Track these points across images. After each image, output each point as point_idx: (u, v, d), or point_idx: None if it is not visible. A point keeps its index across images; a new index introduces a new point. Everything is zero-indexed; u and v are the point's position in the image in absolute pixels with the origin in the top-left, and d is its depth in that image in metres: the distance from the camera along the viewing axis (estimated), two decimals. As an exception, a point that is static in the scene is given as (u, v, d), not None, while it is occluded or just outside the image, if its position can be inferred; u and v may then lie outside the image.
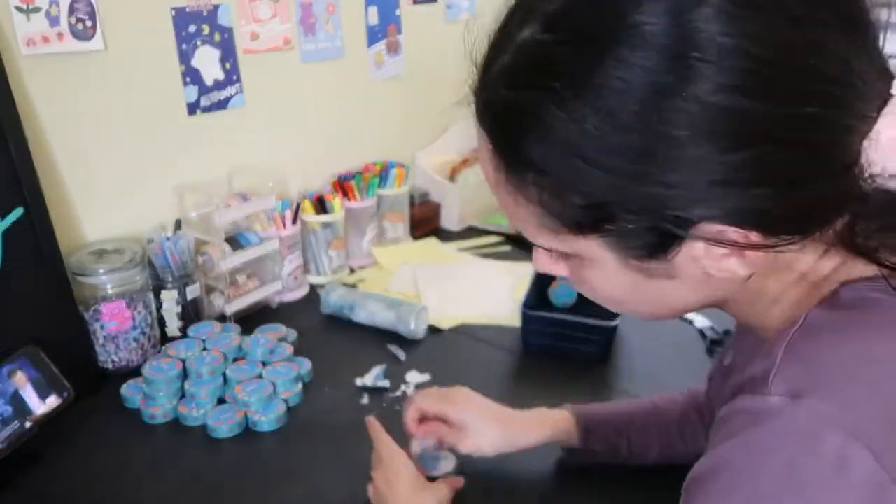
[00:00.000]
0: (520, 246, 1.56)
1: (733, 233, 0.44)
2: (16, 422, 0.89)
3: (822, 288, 0.50)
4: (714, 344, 1.13)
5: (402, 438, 0.90)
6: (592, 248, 0.49)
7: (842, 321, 0.46)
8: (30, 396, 0.92)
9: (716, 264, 0.47)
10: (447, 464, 0.88)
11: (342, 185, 1.47)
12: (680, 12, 0.40)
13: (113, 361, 1.09)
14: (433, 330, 1.23)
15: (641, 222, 0.45)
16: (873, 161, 0.44)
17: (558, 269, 0.56)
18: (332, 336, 1.23)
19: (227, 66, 1.30)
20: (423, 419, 0.87)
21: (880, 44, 0.44)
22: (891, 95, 0.43)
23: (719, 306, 0.56)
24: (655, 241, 0.46)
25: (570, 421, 0.86)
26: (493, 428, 0.84)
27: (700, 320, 1.20)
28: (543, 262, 0.57)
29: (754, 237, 0.44)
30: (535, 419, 0.86)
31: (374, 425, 0.85)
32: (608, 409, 0.89)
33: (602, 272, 0.51)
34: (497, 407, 0.86)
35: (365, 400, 1.04)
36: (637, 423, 0.86)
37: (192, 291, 1.20)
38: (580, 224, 0.47)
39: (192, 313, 1.21)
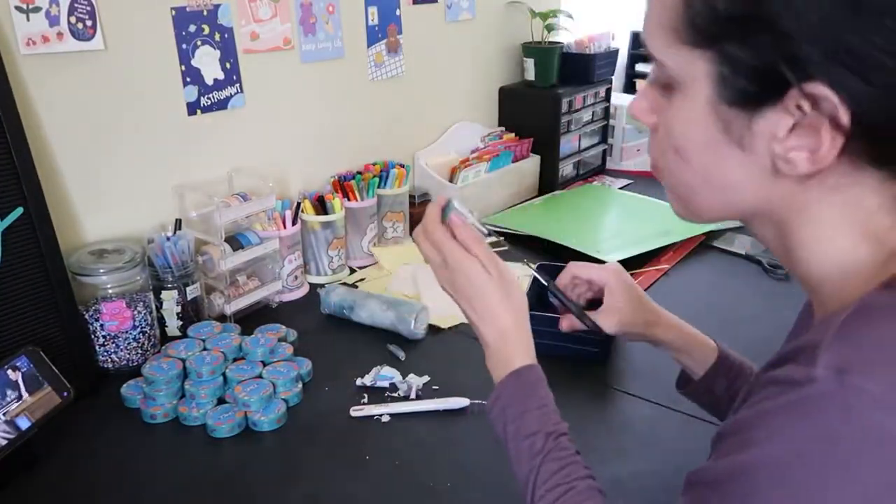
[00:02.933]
0: (520, 246, 1.56)
1: (833, 103, 0.44)
2: (16, 422, 0.89)
3: (885, 253, 0.49)
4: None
5: (407, 441, 0.90)
6: (698, 71, 0.49)
7: None
8: (29, 396, 0.91)
9: (786, 150, 0.47)
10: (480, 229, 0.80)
11: (342, 185, 1.47)
12: None
13: (113, 361, 1.09)
14: (433, 330, 1.23)
15: (760, 53, 0.45)
16: None
17: (649, 116, 0.56)
18: (332, 336, 1.23)
19: (227, 65, 1.30)
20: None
21: None
22: None
23: (777, 237, 0.54)
24: (758, 85, 0.46)
25: (712, 348, 0.85)
26: (635, 306, 0.85)
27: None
28: (640, 105, 0.57)
29: (845, 119, 0.44)
30: (681, 324, 0.86)
31: (459, 227, 0.78)
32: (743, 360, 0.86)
33: (689, 111, 0.51)
34: (645, 297, 0.87)
35: (365, 400, 1.04)
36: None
37: (192, 291, 1.20)
38: (706, 33, 0.47)
39: (192, 313, 1.21)
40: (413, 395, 1.03)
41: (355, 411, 1.00)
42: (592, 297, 0.90)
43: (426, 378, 1.08)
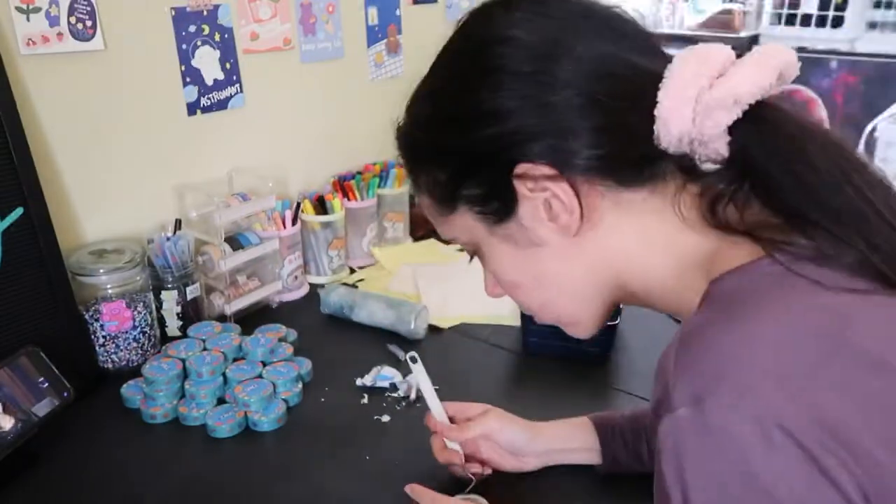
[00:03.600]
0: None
1: (535, 168, 0.55)
2: (16, 422, 0.89)
3: (697, 263, 0.55)
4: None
5: (410, 440, 0.90)
6: (469, 223, 0.61)
7: (715, 318, 0.49)
8: (30, 396, 0.91)
9: (556, 222, 0.56)
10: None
11: (342, 185, 1.47)
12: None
13: (113, 361, 1.09)
14: (433, 330, 1.23)
15: (478, 181, 0.58)
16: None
17: (495, 289, 0.66)
18: (332, 336, 1.23)
19: (227, 66, 1.30)
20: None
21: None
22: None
23: (626, 298, 0.62)
24: (497, 197, 0.58)
25: (589, 425, 0.86)
26: (524, 431, 0.85)
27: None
28: (488, 288, 0.68)
29: (548, 170, 0.55)
30: (559, 424, 0.87)
31: (416, 489, 0.81)
32: (623, 413, 0.88)
33: (490, 254, 0.62)
34: (519, 419, 0.87)
35: (365, 400, 1.04)
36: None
37: (192, 291, 1.20)
38: (449, 199, 0.61)
39: (192, 313, 1.21)
40: (413, 396, 1.03)
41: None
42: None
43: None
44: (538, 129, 0.55)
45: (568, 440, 0.86)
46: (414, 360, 0.89)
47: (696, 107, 0.51)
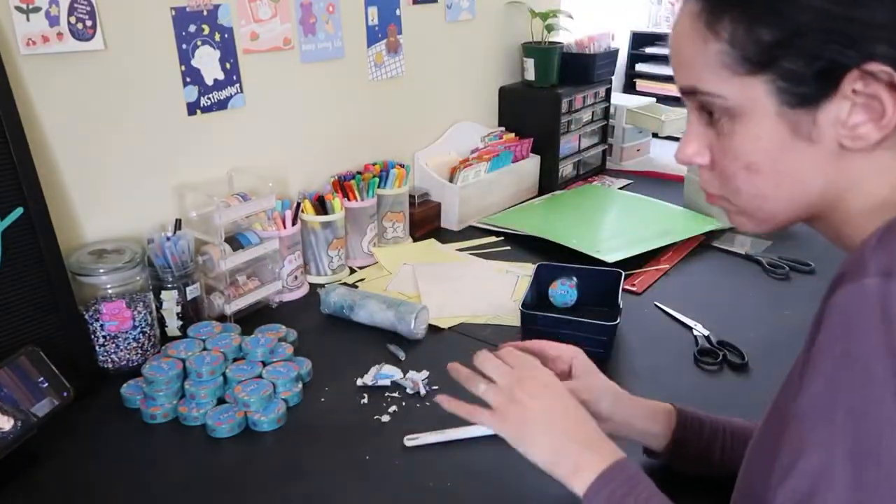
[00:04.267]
0: (520, 246, 1.56)
1: (888, 72, 0.50)
2: (16, 422, 0.89)
3: None
4: (702, 354, 1.13)
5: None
6: (758, 93, 0.55)
7: None
8: (29, 396, 0.92)
9: (852, 129, 0.53)
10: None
11: (342, 185, 1.47)
12: None
13: (113, 361, 1.09)
14: (433, 330, 1.23)
15: (811, 60, 0.53)
16: None
17: (704, 156, 0.62)
18: (332, 336, 1.23)
19: (227, 66, 1.30)
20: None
21: None
22: None
23: (822, 214, 0.59)
24: (816, 85, 0.53)
25: (671, 414, 0.84)
26: (607, 393, 0.83)
27: (699, 328, 1.19)
28: (691, 148, 0.62)
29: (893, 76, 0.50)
30: (643, 401, 0.85)
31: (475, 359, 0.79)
32: (708, 414, 0.86)
33: (753, 129, 0.57)
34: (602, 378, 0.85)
35: (365, 400, 1.04)
36: (733, 427, 0.83)
37: (192, 291, 1.20)
38: (759, 61, 0.55)
39: (192, 313, 1.21)
40: (422, 391, 1.04)
41: (409, 441, 0.94)
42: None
43: (426, 373, 1.08)
44: None
45: (647, 421, 0.84)
46: None
47: None
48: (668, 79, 2.48)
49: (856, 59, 0.51)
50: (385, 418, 1.00)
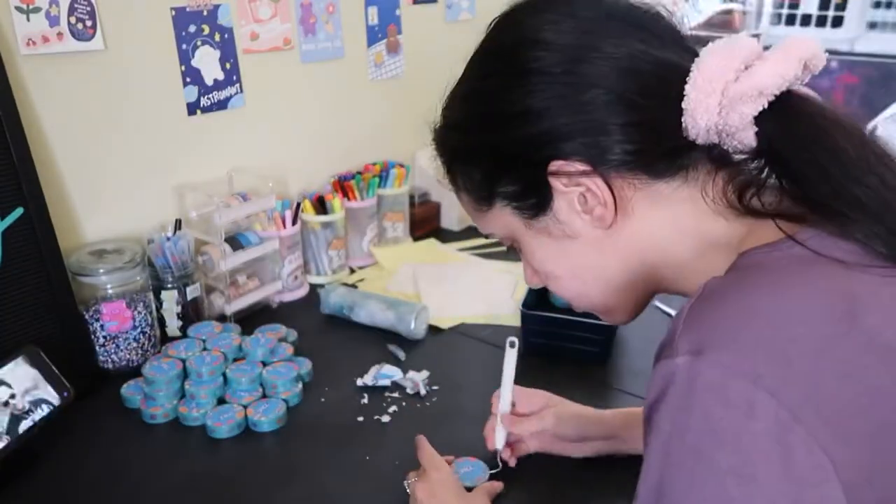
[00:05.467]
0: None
1: (571, 164, 0.56)
2: (15, 422, 0.89)
3: (729, 250, 0.56)
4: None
5: (407, 441, 0.90)
6: (507, 218, 0.64)
7: (735, 282, 0.51)
8: (29, 396, 0.91)
9: (591, 214, 0.58)
10: (484, 474, 0.86)
11: (342, 185, 1.47)
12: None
13: (113, 361, 1.09)
14: (433, 330, 1.23)
15: (515, 179, 0.60)
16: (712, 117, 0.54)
17: (534, 279, 0.69)
18: (332, 336, 1.23)
19: (227, 66, 1.30)
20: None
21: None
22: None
23: (658, 285, 0.63)
24: (533, 193, 0.60)
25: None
26: (580, 423, 0.88)
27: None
28: (527, 278, 0.71)
29: (581, 167, 0.56)
30: (622, 411, 0.89)
31: (422, 440, 0.85)
32: None
33: (528, 246, 0.65)
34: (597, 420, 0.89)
35: (365, 400, 1.04)
36: None
37: (192, 291, 1.20)
38: (485, 195, 0.63)
39: (192, 313, 1.21)
40: (423, 391, 1.04)
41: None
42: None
43: (426, 373, 1.08)
44: (571, 128, 0.56)
45: (628, 426, 0.86)
46: (513, 346, 0.89)
47: (722, 99, 0.53)
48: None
49: (542, 164, 0.57)
50: (385, 418, 1.00)
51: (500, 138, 0.59)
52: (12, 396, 0.90)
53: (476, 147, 0.62)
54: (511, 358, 0.89)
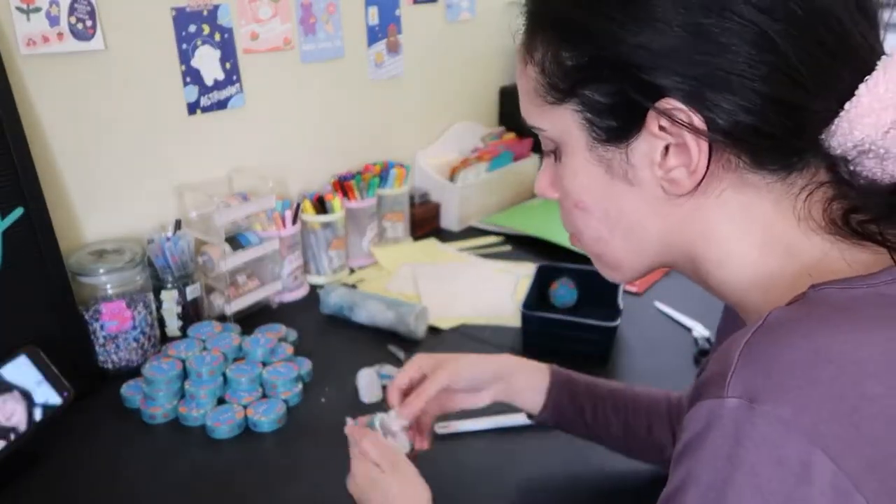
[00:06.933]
0: (520, 246, 1.56)
1: (686, 112, 0.47)
2: (16, 422, 0.89)
3: (797, 264, 0.49)
4: (702, 355, 1.13)
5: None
6: (569, 124, 0.53)
7: (805, 317, 0.44)
8: (29, 396, 0.91)
9: (667, 172, 0.50)
10: (403, 441, 0.81)
11: (342, 185, 1.47)
12: None
13: (113, 361, 1.09)
14: (433, 330, 1.23)
15: (610, 89, 0.49)
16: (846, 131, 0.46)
17: (551, 191, 0.60)
18: (332, 336, 1.23)
19: (227, 66, 1.30)
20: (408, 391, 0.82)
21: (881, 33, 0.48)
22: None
23: (682, 267, 0.57)
24: (620, 118, 0.50)
25: (545, 370, 0.86)
26: (473, 366, 0.83)
27: (699, 329, 1.19)
28: (542, 184, 0.62)
29: (701, 125, 0.47)
30: (517, 359, 0.86)
31: (352, 428, 0.79)
32: (583, 376, 0.87)
33: (574, 163, 0.55)
34: (490, 362, 0.84)
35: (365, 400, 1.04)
36: (607, 394, 0.84)
37: (192, 291, 1.20)
38: (564, 88, 0.52)
39: (192, 313, 1.21)
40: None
41: (440, 428, 0.95)
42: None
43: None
44: (710, 74, 0.46)
45: (518, 370, 0.85)
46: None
47: None
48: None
49: (652, 94, 0.47)
50: (385, 418, 1.00)
51: (627, 37, 0.47)
52: (12, 396, 0.90)
53: (592, 30, 0.49)
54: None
